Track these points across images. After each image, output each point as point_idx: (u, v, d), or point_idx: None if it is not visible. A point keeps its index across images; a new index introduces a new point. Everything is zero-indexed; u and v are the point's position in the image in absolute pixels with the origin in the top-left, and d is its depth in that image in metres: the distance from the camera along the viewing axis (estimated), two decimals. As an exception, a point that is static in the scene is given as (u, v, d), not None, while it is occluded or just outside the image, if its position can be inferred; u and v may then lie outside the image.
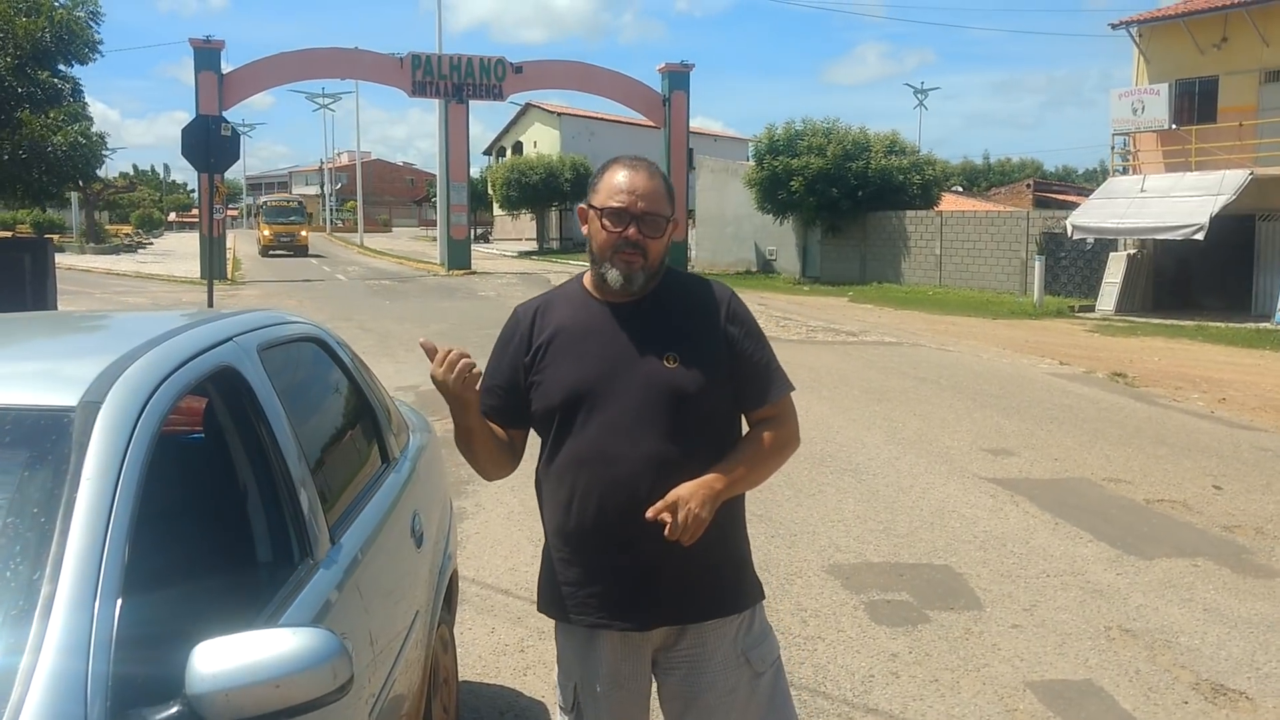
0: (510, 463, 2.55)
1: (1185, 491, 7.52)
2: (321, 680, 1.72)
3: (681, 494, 2.26)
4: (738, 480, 2.38)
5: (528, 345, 2.47)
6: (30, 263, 13.67)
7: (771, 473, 2.52)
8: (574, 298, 2.49)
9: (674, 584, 2.37)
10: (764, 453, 2.44)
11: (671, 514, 2.24)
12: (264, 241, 48.91)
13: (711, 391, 2.37)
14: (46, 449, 1.89)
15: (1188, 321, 21.04)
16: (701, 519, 2.25)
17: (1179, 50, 25.22)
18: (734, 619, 2.46)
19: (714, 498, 2.29)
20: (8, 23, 12.03)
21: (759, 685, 2.48)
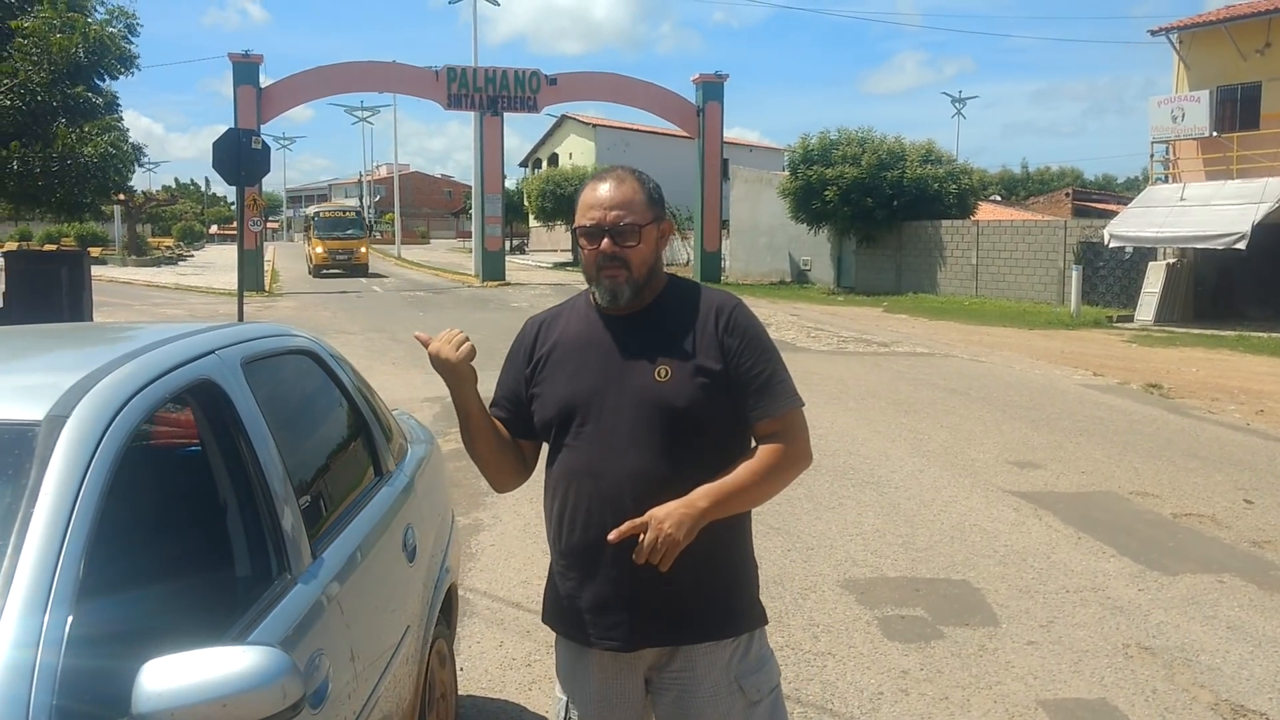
0: (518, 471, 2.53)
1: (1215, 505, 7.37)
2: (271, 699, 1.70)
3: (656, 513, 2.18)
4: (728, 498, 2.26)
5: (529, 357, 2.48)
6: (67, 275, 13.87)
7: (774, 492, 2.38)
8: (579, 311, 2.47)
9: (662, 604, 2.30)
10: (764, 470, 2.32)
11: (642, 533, 2.17)
12: (316, 260, 41.77)
13: (704, 406, 2.29)
14: (9, 463, 1.89)
15: (1229, 332, 20.69)
16: (674, 540, 2.16)
17: (1221, 56, 24.87)
18: (727, 643, 2.36)
19: (694, 518, 2.20)
20: (43, 39, 12.22)
21: (754, 714, 2.38)
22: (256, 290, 30.21)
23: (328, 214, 45.76)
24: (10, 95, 11.93)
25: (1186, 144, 25.35)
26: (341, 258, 41.79)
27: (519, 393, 2.47)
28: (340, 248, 41.96)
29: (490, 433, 2.46)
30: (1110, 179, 74.50)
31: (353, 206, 52.75)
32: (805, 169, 32.02)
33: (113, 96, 14.19)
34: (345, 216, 45.63)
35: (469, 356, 2.39)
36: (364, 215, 48.28)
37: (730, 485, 2.27)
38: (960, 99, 66.71)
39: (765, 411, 2.34)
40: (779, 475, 2.35)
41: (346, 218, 45.42)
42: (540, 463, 2.55)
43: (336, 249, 41.88)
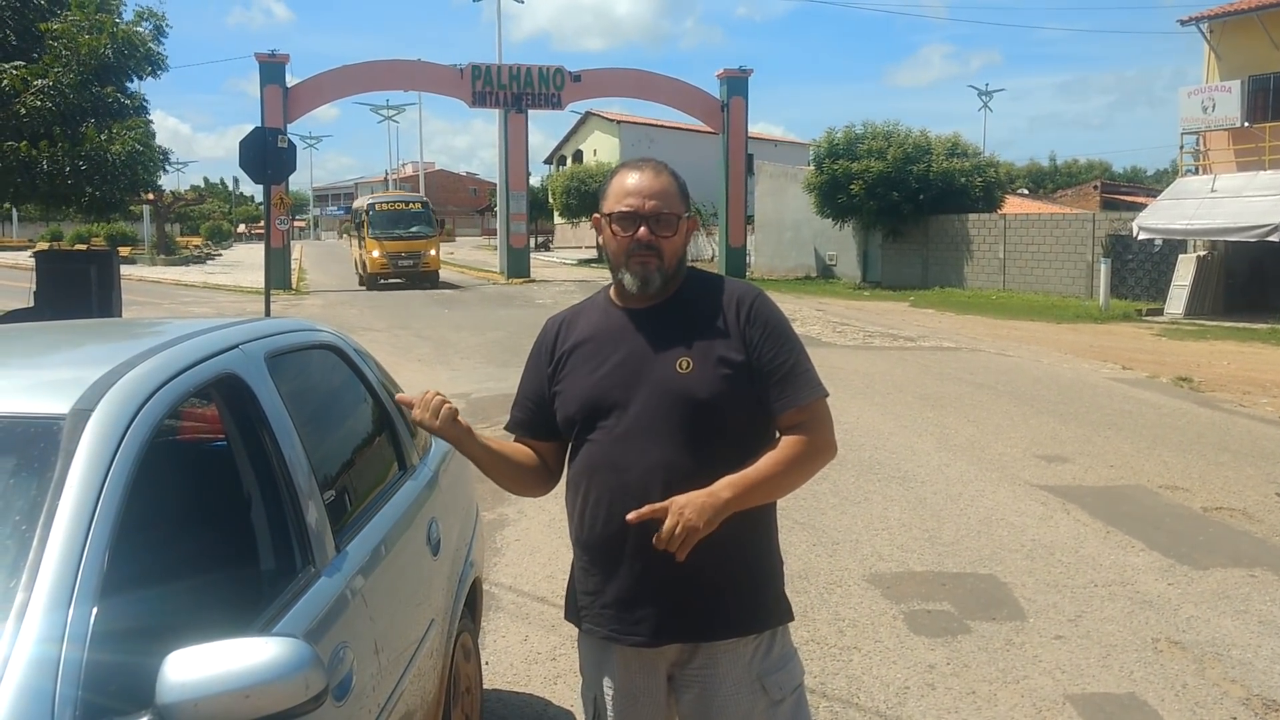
0: (539, 480, 2.52)
1: (1246, 499, 7.28)
2: (293, 691, 1.71)
3: (678, 500, 2.17)
4: (752, 489, 2.24)
5: (551, 356, 2.47)
6: (96, 274, 14.02)
7: (798, 483, 2.36)
8: (599, 306, 2.47)
9: (683, 599, 2.29)
10: (788, 461, 2.29)
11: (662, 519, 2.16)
12: (371, 266, 32.87)
13: (726, 397, 2.28)
14: (35, 456, 1.90)
15: (1261, 325, 20.44)
16: (693, 528, 2.15)
17: (1252, 45, 24.54)
18: (749, 640, 2.34)
19: (716, 507, 2.17)
20: (72, 40, 12.34)
21: (776, 714, 2.36)
22: (284, 288, 30.38)
23: (386, 206, 34.98)
24: (40, 96, 12.05)
25: (1217, 135, 25.07)
26: (406, 263, 32.75)
27: (541, 392, 2.47)
28: (404, 250, 32.92)
29: (498, 462, 2.45)
30: (1139, 171, 73.85)
31: (418, 197, 39.66)
32: (830, 163, 31.88)
33: (141, 98, 14.30)
34: (409, 209, 35.10)
35: (450, 420, 2.35)
36: (430, 206, 36.92)
37: (754, 476, 2.25)
38: (987, 92, 66.28)
39: (789, 401, 2.31)
40: (803, 466, 2.33)
41: (410, 210, 34.98)
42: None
43: (399, 252, 32.83)
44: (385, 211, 34.53)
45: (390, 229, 33.57)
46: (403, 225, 33.95)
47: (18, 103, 12.07)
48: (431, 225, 34.96)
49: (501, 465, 2.46)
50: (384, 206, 35.00)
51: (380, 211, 34.47)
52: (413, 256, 33.21)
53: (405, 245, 33.25)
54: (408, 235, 33.62)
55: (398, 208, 35.38)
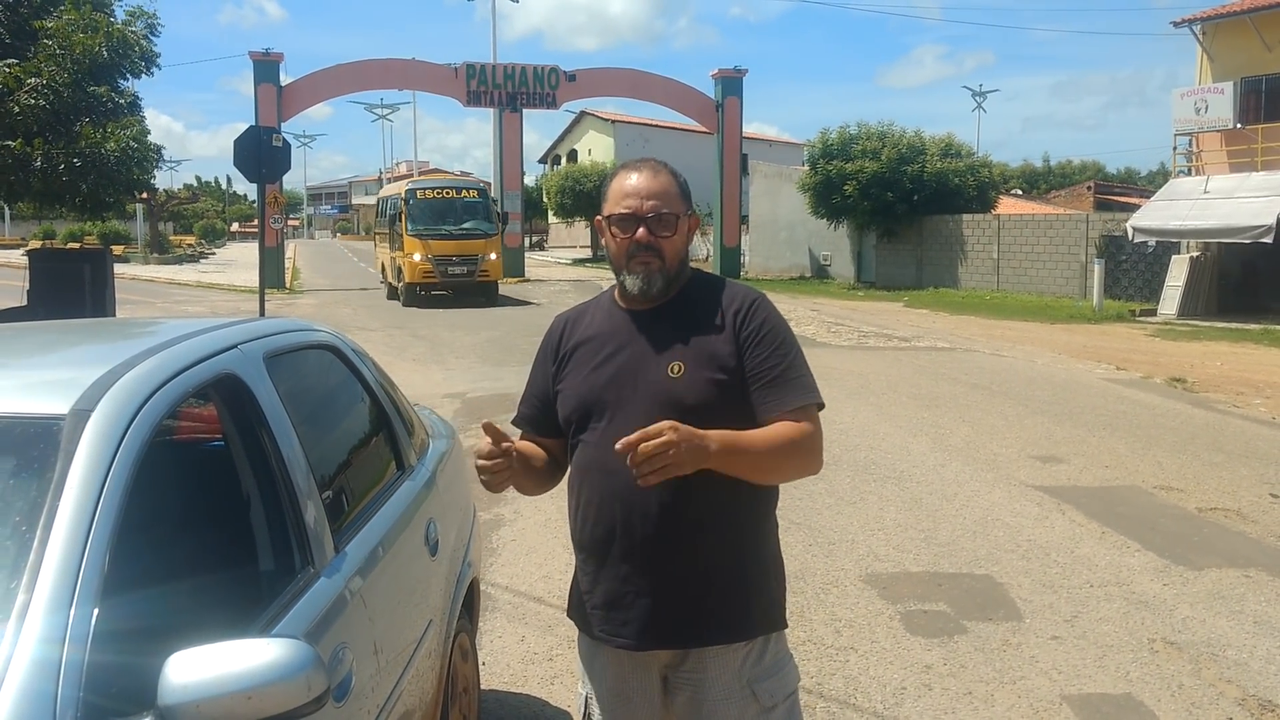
0: (550, 477, 2.50)
1: (1240, 500, 7.30)
2: (295, 692, 1.70)
3: (664, 424, 2.01)
4: (737, 452, 2.12)
5: (555, 354, 2.47)
6: (90, 273, 13.96)
7: (777, 471, 2.24)
8: (603, 307, 2.46)
9: (670, 603, 2.27)
10: (776, 441, 2.18)
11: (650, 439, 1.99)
12: (412, 274, 25.30)
13: (715, 404, 2.22)
14: (34, 457, 1.90)
15: (1253, 325, 20.51)
16: (672, 456, 1.99)
17: (1245, 47, 24.61)
18: (739, 647, 2.31)
19: (701, 450, 2.05)
20: (66, 39, 12.30)
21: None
22: (277, 288, 30.33)
23: (432, 194, 26.93)
24: (34, 94, 12.01)
25: (1210, 136, 25.13)
26: (457, 270, 25.44)
27: (546, 390, 2.47)
28: (455, 252, 25.37)
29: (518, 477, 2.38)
30: (1132, 172, 73.99)
31: (472, 182, 31.84)
32: (825, 164, 31.92)
33: (134, 96, 14.26)
34: (462, 198, 27.08)
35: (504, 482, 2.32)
36: (488, 192, 29.55)
37: (742, 439, 2.15)
38: (981, 93, 66.46)
39: (776, 405, 2.24)
40: (790, 456, 2.21)
41: (464, 200, 26.97)
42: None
43: (450, 255, 25.33)
44: (431, 201, 26.40)
45: (437, 224, 25.77)
46: (453, 219, 26.12)
47: (11, 100, 12.02)
48: (491, 220, 26.82)
49: (521, 479, 2.40)
50: (429, 194, 26.75)
51: (424, 201, 26.34)
52: (467, 261, 25.46)
53: (458, 247, 25.52)
54: (460, 233, 25.84)
55: (447, 196, 27.07)
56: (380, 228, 32.38)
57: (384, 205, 31.38)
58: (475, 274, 25.91)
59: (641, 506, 2.24)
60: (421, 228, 25.68)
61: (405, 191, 27.07)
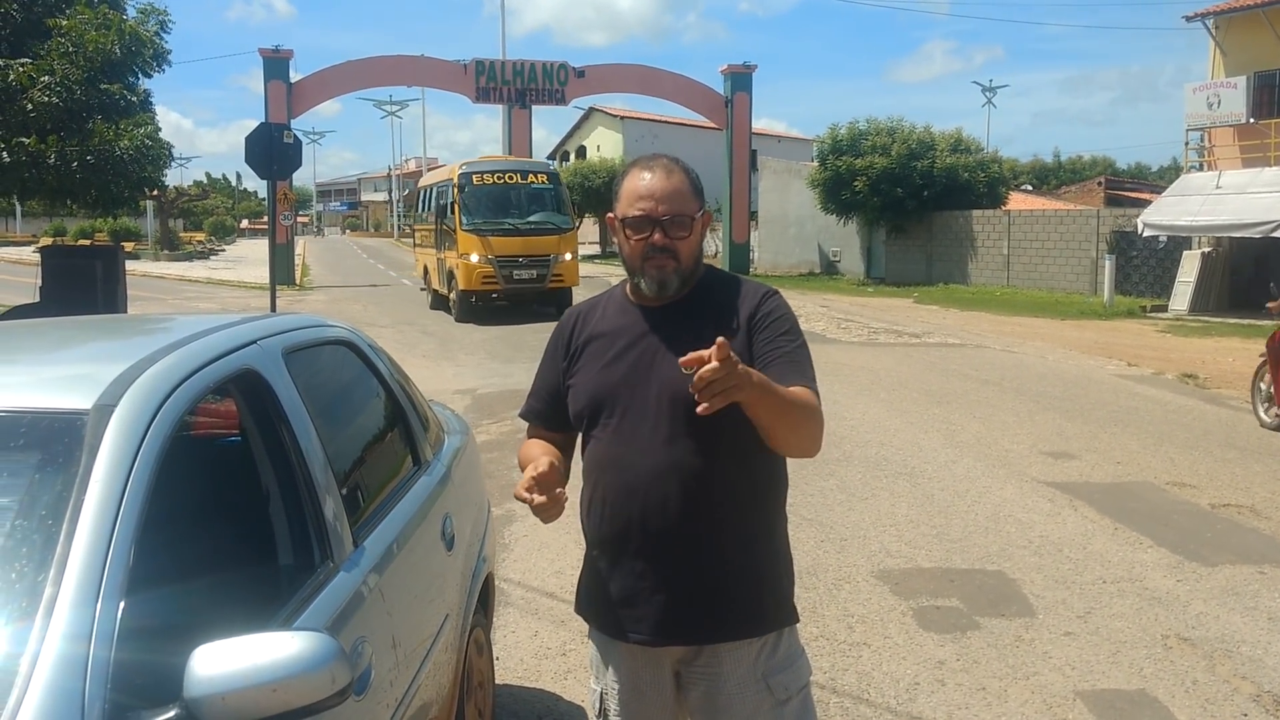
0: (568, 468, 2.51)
1: (1254, 496, 7.28)
2: (320, 684, 1.72)
3: (718, 349, 1.94)
4: (771, 391, 2.09)
5: (565, 349, 2.48)
6: (101, 269, 14.00)
7: (795, 428, 2.20)
8: (615, 301, 2.46)
9: (684, 600, 2.28)
10: (800, 399, 2.18)
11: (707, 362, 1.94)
12: (468, 280, 20.35)
13: None
14: (59, 452, 1.91)
15: (1266, 321, 20.37)
16: (736, 375, 1.95)
17: (1258, 41, 24.48)
18: (753, 641, 2.33)
19: (746, 376, 1.99)
20: (80, 37, 12.35)
21: (782, 714, 2.34)
22: (287, 284, 30.41)
23: (493, 178, 21.42)
24: (47, 92, 12.06)
25: (1222, 131, 25.00)
26: (525, 274, 20.41)
27: (556, 385, 2.48)
28: (523, 252, 20.42)
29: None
30: (1143, 167, 73.69)
31: (541, 164, 24.99)
32: (834, 159, 31.85)
33: (146, 94, 14.31)
34: (530, 184, 21.69)
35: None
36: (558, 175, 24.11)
37: (774, 384, 2.13)
38: (991, 88, 66.18)
39: (782, 378, 2.20)
40: (806, 416, 2.20)
41: (532, 187, 21.70)
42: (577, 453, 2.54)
43: (516, 255, 20.34)
44: (491, 187, 21.20)
45: (499, 216, 20.84)
46: (519, 210, 21.21)
47: (25, 98, 12.08)
48: (564, 211, 22.02)
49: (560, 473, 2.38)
50: (488, 178, 21.32)
51: (483, 187, 21.14)
52: (536, 263, 20.44)
53: (525, 244, 20.46)
54: (528, 227, 20.84)
55: (510, 180, 21.52)
56: (421, 223, 26.54)
57: (426, 196, 25.66)
58: (547, 279, 20.55)
59: (657, 502, 2.25)
60: (480, 221, 20.44)
61: (459, 175, 21.26)
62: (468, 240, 20.31)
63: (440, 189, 23.26)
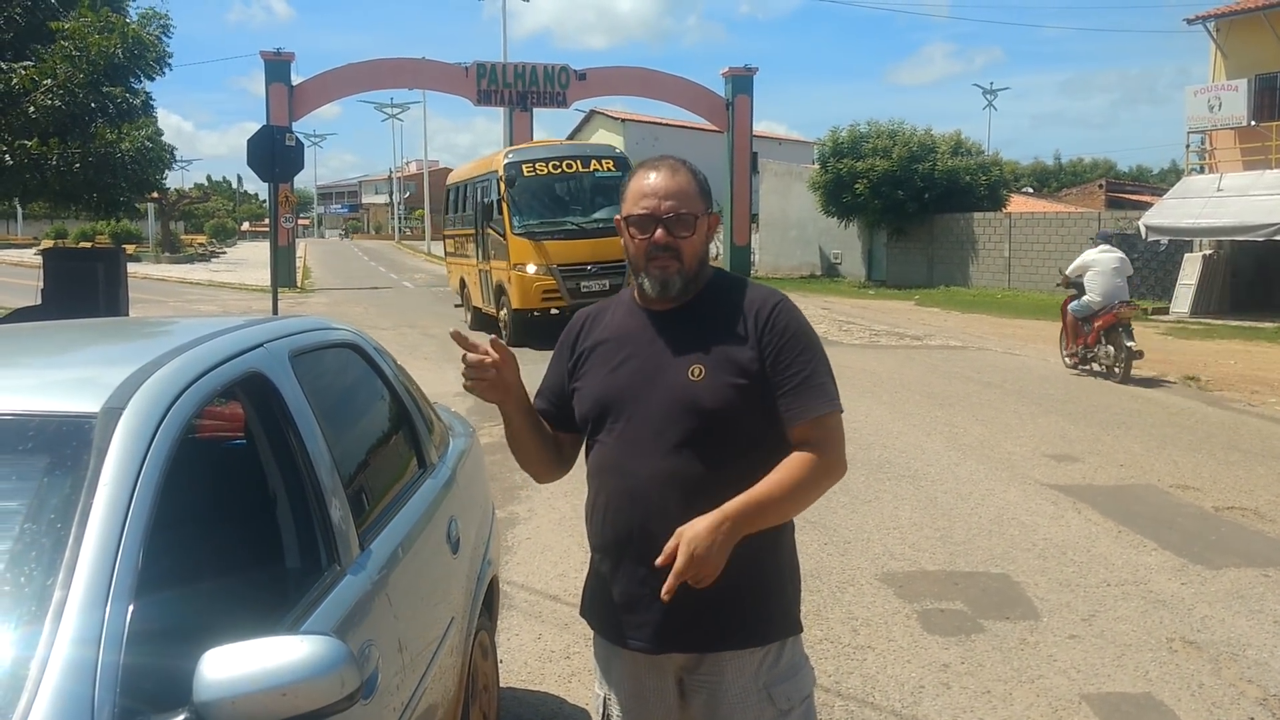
0: (557, 465, 2.52)
1: (1258, 499, 7.27)
2: (329, 689, 1.71)
3: (685, 534, 2.09)
4: (759, 512, 2.17)
5: (571, 351, 2.47)
6: (103, 272, 14.02)
7: (806, 504, 2.28)
8: (623, 305, 2.45)
9: (685, 608, 2.24)
10: (794, 483, 2.20)
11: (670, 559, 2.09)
12: (523, 296, 16.69)
13: (736, 408, 2.22)
14: (67, 455, 1.91)
15: (1267, 324, 20.40)
16: (707, 562, 2.08)
17: (1259, 44, 24.48)
18: (755, 651, 2.30)
19: (728, 535, 2.11)
20: (83, 40, 12.35)
21: None
22: (288, 286, 30.41)
23: (546, 169, 17.52)
24: (50, 95, 12.07)
25: (1223, 133, 25.00)
26: (595, 285, 16.44)
27: (562, 386, 2.47)
28: (591, 258, 16.62)
29: (528, 430, 2.44)
30: (1144, 170, 73.74)
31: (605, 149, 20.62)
32: (835, 162, 31.84)
33: (147, 96, 14.32)
34: (592, 173, 17.70)
35: (496, 387, 2.37)
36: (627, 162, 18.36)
37: (760, 498, 2.17)
38: (992, 90, 66.19)
39: (799, 414, 2.24)
40: (810, 487, 2.24)
41: (594, 176, 17.65)
42: (581, 456, 2.54)
43: (584, 263, 16.65)
44: (546, 180, 17.27)
45: (558, 216, 17.01)
46: (582, 208, 17.20)
47: (27, 101, 12.08)
48: None
49: (530, 435, 2.44)
50: (543, 169, 17.29)
51: (536, 180, 17.16)
52: (608, 272, 16.39)
53: (592, 250, 16.41)
54: (594, 227, 16.58)
55: (570, 170, 17.51)
56: (454, 227, 22.41)
57: (461, 194, 21.34)
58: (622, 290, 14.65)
59: (659, 509, 2.24)
60: (534, 223, 16.58)
61: (504, 167, 17.03)
62: (521, 247, 16.41)
63: (480, 185, 18.79)
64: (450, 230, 23.43)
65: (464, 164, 25.00)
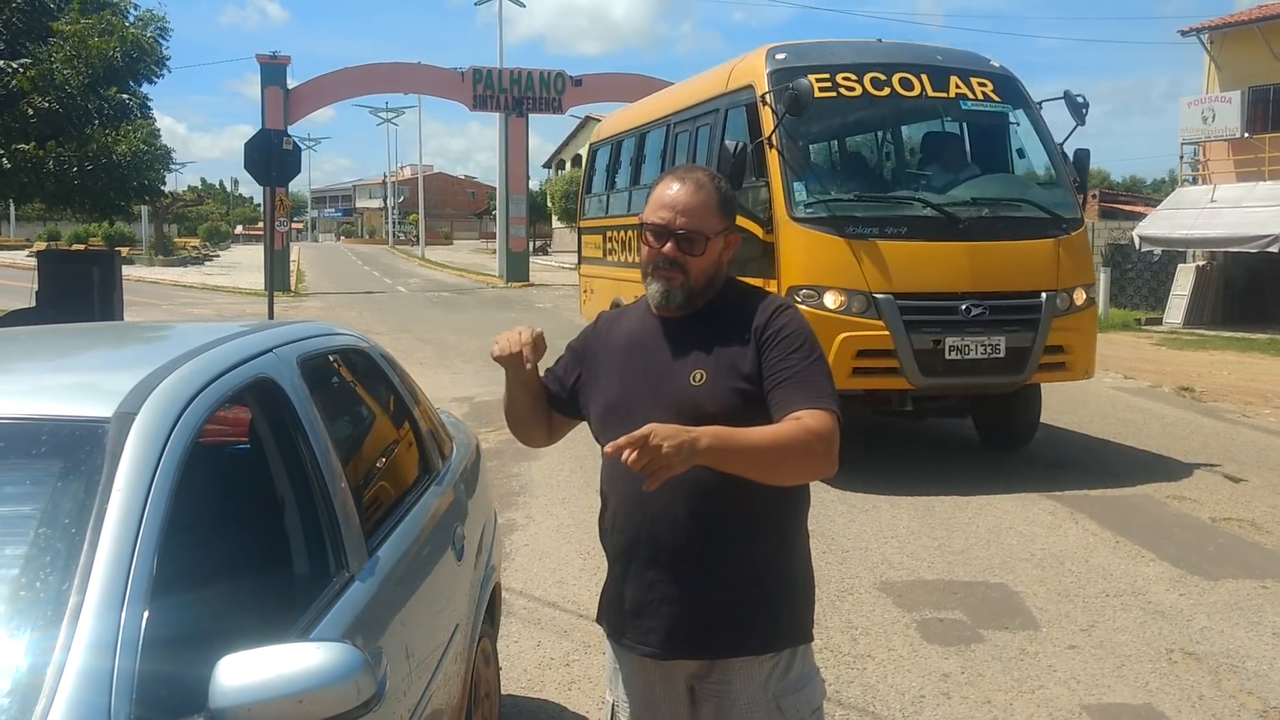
0: (544, 436, 2.56)
1: (1254, 510, 7.29)
2: (345, 696, 1.71)
3: (654, 428, 1.95)
4: (733, 450, 2.05)
5: (584, 350, 2.49)
6: (98, 275, 13.98)
7: (784, 471, 2.15)
8: (639, 311, 2.45)
9: (692, 614, 2.25)
10: (780, 439, 2.09)
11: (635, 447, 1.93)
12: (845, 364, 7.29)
13: (737, 413, 2.18)
14: (81, 459, 1.90)
15: (1260, 335, 20.47)
16: (662, 454, 1.92)
17: (1252, 56, 24.61)
18: (765, 659, 2.28)
19: (693, 444, 1.96)
20: (82, 43, 12.34)
21: None
22: (283, 290, 30.36)
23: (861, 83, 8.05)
24: (47, 97, 12.04)
25: (1217, 145, 25.10)
26: (979, 353, 7.51)
27: (568, 375, 2.49)
28: (972, 283, 7.56)
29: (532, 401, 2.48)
30: (1138, 181, 73.84)
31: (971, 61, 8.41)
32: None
33: (144, 99, 14.30)
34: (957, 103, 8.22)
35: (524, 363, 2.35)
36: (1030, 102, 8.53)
37: (738, 436, 2.07)
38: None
39: (786, 407, 2.15)
40: (795, 454, 2.11)
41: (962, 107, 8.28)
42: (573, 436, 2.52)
43: (956, 293, 7.53)
44: (865, 107, 8.54)
45: (893, 187, 8.59)
46: (941, 172, 8.56)
47: (25, 103, 12.06)
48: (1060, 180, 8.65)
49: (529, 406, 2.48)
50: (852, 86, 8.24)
51: (842, 105, 8.42)
52: (1006, 321, 7.78)
53: (974, 261, 7.78)
54: (975, 216, 8.00)
55: (910, 93, 8.36)
56: (611, 209, 12.87)
57: (634, 151, 12.00)
58: (1028, 362, 7.93)
59: (667, 515, 2.24)
60: (841, 196, 8.16)
61: (770, 77, 8.31)
62: (807, 248, 7.90)
63: (701, 123, 9.73)
64: (596, 219, 13.37)
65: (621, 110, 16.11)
